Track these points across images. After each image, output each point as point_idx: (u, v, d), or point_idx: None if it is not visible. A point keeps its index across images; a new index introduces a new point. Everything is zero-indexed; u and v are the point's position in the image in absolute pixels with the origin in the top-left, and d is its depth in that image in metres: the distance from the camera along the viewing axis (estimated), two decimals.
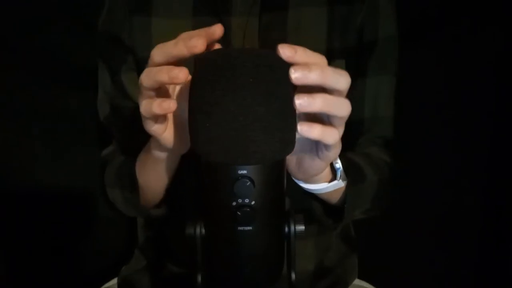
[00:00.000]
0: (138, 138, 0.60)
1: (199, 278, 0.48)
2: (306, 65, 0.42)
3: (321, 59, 0.44)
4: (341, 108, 0.45)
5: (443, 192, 1.07)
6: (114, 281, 0.87)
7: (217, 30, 0.45)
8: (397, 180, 0.75)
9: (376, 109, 0.73)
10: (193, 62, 0.45)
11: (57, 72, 1.01)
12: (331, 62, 0.67)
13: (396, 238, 1.08)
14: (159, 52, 0.46)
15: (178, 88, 0.52)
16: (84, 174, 0.99)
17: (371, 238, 0.99)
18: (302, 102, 0.42)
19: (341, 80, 0.44)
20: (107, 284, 0.89)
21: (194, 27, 0.67)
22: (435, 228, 1.10)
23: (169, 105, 0.46)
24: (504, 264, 1.06)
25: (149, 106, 0.46)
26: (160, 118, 0.49)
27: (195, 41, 0.43)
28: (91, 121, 0.99)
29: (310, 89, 0.43)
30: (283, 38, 0.67)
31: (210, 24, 0.67)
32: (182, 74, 0.43)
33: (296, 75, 0.41)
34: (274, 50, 0.43)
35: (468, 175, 1.07)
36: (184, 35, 0.46)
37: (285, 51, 0.41)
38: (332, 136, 0.45)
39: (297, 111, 0.43)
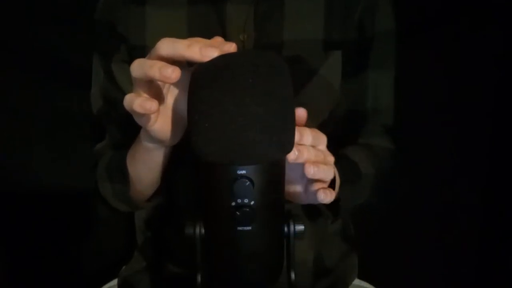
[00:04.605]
0: (130, 131, 0.60)
1: (199, 278, 0.49)
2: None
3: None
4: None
5: (443, 192, 1.07)
6: (114, 281, 0.87)
7: (231, 48, 0.45)
8: (397, 180, 0.75)
9: (377, 101, 0.74)
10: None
11: (57, 72, 1.01)
12: (327, 53, 0.67)
13: (396, 238, 1.08)
14: (168, 47, 0.45)
15: None
16: (84, 174, 0.99)
17: (371, 238, 0.99)
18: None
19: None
20: (107, 285, 0.89)
21: (189, 16, 0.67)
22: (435, 228, 1.10)
23: (150, 107, 0.46)
24: (504, 264, 1.06)
25: (131, 102, 0.46)
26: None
27: (211, 52, 0.44)
28: (90, 121, 0.99)
29: None
30: (280, 27, 0.67)
31: (205, 13, 0.67)
32: (175, 75, 0.43)
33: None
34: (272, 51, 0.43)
35: (468, 175, 1.07)
36: (200, 42, 0.45)
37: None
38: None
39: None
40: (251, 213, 0.43)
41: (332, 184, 0.57)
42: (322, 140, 0.51)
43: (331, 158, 0.53)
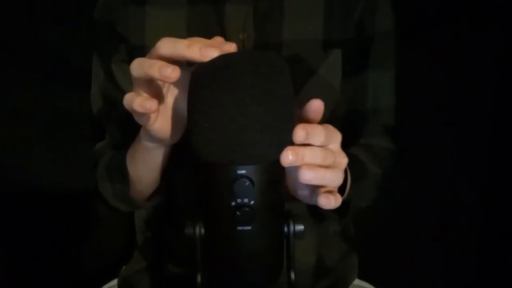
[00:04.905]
0: (130, 131, 0.61)
1: (199, 278, 0.49)
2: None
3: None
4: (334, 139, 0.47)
5: (443, 192, 1.08)
6: (114, 281, 0.87)
7: (231, 48, 0.45)
8: (397, 180, 0.75)
9: (377, 101, 0.74)
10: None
11: (57, 72, 1.01)
12: (327, 52, 0.68)
13: (396, 238, 1.08)
14: (168, 47, 0.45)
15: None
16: (84, 174, 0.99)
17: (371, 238, 0.99)
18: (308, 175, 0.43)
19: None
20: (107, 285, 0.89)
21: (189, 16, 0.68)
22: (435, 228, 1.10)
23: (150, 106, 0.46)
24: (504, 264, 1.06)
25: (131, 101, 0.46)
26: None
27: (211, 52, 0.44)
28: (90, 121, 0.99)
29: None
30: (279, 27, 0.67)
31: (205, 13, 0.67)
32: (174, 75, 0.43)
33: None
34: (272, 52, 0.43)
35: (468, 175, 1.07)
36: (200, 42, 0.45)
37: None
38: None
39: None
40: (251, 213, 0.43)
41: (343, 185, 0.55)
42: (334, 138, 0.46)
43: (343, 160, 0.47)
